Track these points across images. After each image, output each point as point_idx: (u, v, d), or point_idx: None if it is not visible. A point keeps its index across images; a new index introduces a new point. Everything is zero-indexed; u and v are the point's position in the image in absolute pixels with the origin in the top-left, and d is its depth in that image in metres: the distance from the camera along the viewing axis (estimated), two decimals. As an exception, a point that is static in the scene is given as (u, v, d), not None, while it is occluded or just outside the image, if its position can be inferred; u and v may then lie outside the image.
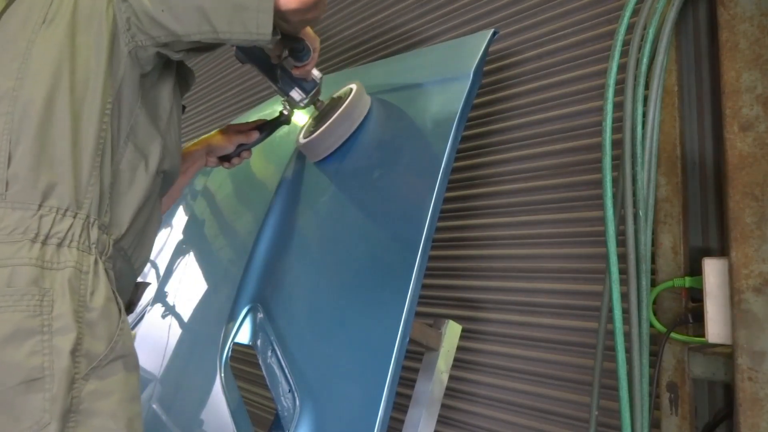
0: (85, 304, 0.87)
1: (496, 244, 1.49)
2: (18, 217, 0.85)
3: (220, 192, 1.91)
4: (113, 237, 0.96)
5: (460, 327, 1.29)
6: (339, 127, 1.35)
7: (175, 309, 1.75)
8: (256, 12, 0.91)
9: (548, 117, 1.39)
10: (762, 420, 0.91)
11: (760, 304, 0.93)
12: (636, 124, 1.03)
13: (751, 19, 0.97)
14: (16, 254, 0.83)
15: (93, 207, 0.92)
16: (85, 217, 0.91)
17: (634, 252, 1.03)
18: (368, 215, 1.28)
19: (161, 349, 1.66)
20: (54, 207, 0.88)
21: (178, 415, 1.48)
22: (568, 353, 1.32)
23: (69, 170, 0.89)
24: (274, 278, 1.40)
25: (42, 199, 0.87)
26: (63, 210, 0.89)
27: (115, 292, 0.93)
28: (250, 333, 1.35)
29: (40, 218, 0.87)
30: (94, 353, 0.85)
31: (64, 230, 0.88)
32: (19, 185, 0.87)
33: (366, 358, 1.07)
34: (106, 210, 0.95)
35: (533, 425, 1.36)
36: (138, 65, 0.98)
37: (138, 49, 0.96)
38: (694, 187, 1.11)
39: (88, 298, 0.87)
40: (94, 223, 0.92)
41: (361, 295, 1.18)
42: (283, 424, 1.16)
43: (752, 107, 0.96)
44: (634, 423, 1.00)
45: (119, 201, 0.97)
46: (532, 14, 1.45)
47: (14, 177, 0.87)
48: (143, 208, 1.02)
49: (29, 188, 0.87)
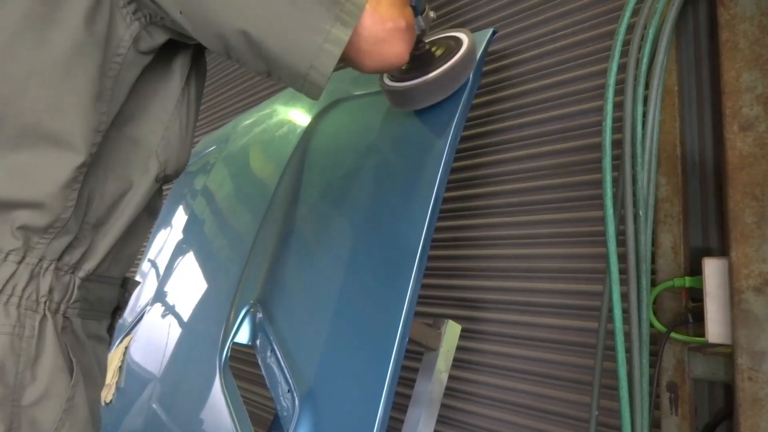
0: (23, 382, 0.66)
1: (496, 244, 1.49)
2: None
3: (220, 192, 1.91)
4: (81, 274, 0.75)
5: (459, 327, 1.29)
6: (445, 80, 1.13)
7: (174, 308, 1.74)
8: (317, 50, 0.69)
9: (548, 117, 1.39)
10: (762, 420, 0.91)
11: (760, 304, 0.93)
12: (636, 124, 1.03)
13: (751, 19, 0.97)
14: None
15: (52, 248, 0.70)
16: (36, 262, 0.69)
17: (634, 252, 1.03)
18: (368, 215, 1.28)
19: (161, 349, 1.66)
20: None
21: (177, 415, 1.48)
22: (568, 353, 1.32)
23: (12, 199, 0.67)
24: (274, 278, 1.40)
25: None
26: (4, 254, 0.67)
27: (70, 353, 0.72)
28: (249, 333, 1.35)
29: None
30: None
31: (1, 282, 0.67)
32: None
33: (365, 357, 1.07)
34: (74, 246, 0.74)
35: (533, 425, 1.36)
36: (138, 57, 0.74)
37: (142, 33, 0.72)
38: (694, 187, 1.11)
39: (28, 372, 0.67)
40: (48, 269, 0.70)
41: (360, 294, 1.18)
42: (283, 423, 1.16)
43: (752, 107, 0.96)
44: (634, 423, 1.00)
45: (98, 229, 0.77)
46: (532, 14, 1.45)
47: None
48: (130, 228, 0.81)
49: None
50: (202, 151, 2.19)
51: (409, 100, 1.18)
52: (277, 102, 1.95)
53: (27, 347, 0.67)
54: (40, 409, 0.68)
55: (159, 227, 2.18)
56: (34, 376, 0.67)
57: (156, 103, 0.81)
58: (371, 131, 1.42)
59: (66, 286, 0.73)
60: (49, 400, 0.68)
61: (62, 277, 0.73)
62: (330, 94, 1.66)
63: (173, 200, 2.18)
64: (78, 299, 0.75)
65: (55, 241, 0.71)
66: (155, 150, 0.81)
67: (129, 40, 0.72)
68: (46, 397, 0.68)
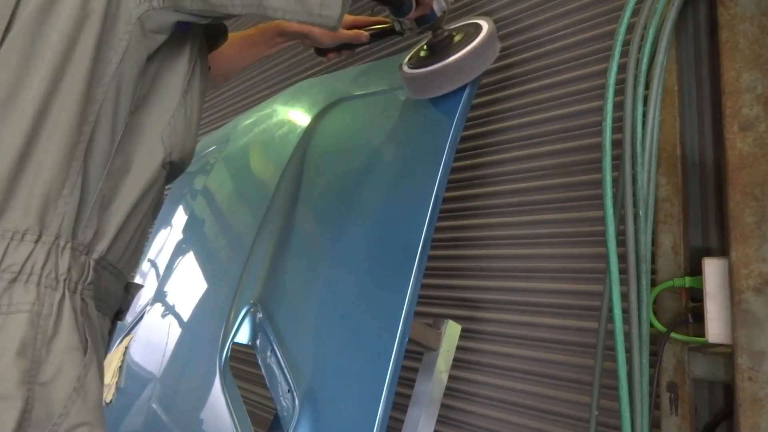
0: (39, 359, 0.67)
1: (496, 244, 1.49)
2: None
3: (220, 192, 1.91)
4: (95, 256, 0.77)
5: (459, 327, 1.29)
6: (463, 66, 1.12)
7: (174, 309, 1.74)
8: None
9: (548, 117, 1.39)
10: (762, 420, 0.91)
11: (760, 304, 0.93)
12: (636, 124, 1.03)
13: (751, 19, 0.97)
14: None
15: (65, 225, 0.72)
16: (53, 240, 0.71)
17: (634, 252, 1.03)
18: (368, 215, 1.28)
19: (161, 349, 1.66)
20: (9, 231, 0.68)
21: (177, 415, 1.48)
22: (568, 353, 1.32)
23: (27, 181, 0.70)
24: (274, 278, 1.40)
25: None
26: (20, 233, 0.69)
27: (86, 333, 0.73)
28: (249, 333, 1.35)
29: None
30: (45, 423, 0.67)
31: (20, 261, 0.68)
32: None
33: (365, 357, 1.07)
34: (86, 225, 0.75)
35: (533, 425, 1.36)
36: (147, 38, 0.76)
37: (150, 13, 0.74)
38: (694, 187, 1.11)
39: (44, 349, 0.68)
40: (65, 247, 0.72)
41: (360, 294, 1.18)
42: (283, 423, 1.16)
43: (752, 107, 0.96)
44: (634, 423, 1.00)
45: (105, 209, 0.78)
46: (532, 14, 1.45)
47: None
48: (134, 213, 0.82)
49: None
50: (202, 151, 2.19)
51: (429, 87, 1.16)
52: (277, 102, 1.96)
53: (44, 325, 0.68)
54: (53, 387, 0.68)
55: (159, 227, 2.18)
56: (49, 353, 0.68)
57: (165, 89, 0.83)
58: (371, 131, 1.42)
59: (82, 267, 0.74)
60: (62, 378, 0.69)
61: (78, 257, 0.74)
62: (330, 94, 1.66)
63: (173, 200, 2.18)
64: (92, 281, 0.76)
65: (67, 217, 0.72)
66: (161, 135, 0.82)
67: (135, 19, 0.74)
68: (58, 374, 0.68)
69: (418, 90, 1.20)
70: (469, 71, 1.14)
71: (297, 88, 1.93)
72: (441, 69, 1.12)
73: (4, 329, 0.66)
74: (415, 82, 1.18)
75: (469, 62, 1.12)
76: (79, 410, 0.70)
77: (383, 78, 1.52)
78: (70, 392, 0.69)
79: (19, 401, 0.65)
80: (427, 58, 1.17)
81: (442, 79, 1.14)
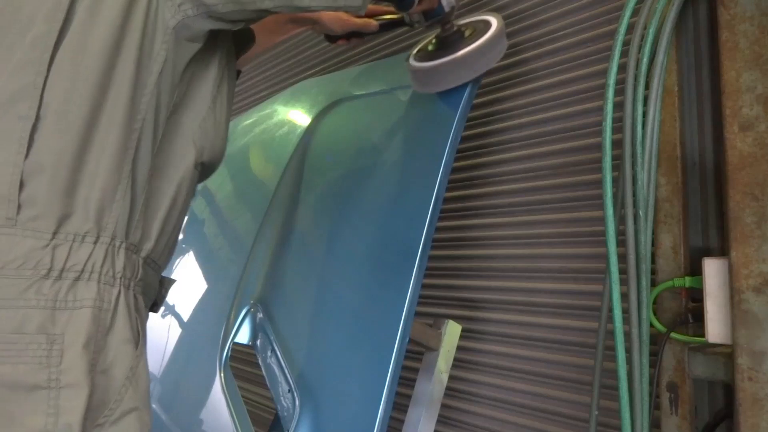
0: (101, 350, 0.74)
1: (496, 244, 1.49)
2: (28, 248, 0.71)
3: (220, 192, 1.91)
4: (143, 254, 0.83)
5: (460, 327, 1.29)
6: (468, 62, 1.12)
7: (174, 308, 1.75)
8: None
9: (548, 117, 1.39)
10: (762, 420, 0.91)
11: (760, 304, 0.93)
12: (636, 124, 1.03)
13: (751, 19, 0.97)
14: (24, 294, 0.70)
15: (120, 227, 0.78)
16: (109, 241, 0.77)
17: (634, 252, 1.03)
18: (368, 215, 1.28)
19: (161, 349, 1.66)
20: (71, 233, 0.74)
21: (177, 415, 1.48)
22: (568, 353, 1.32)
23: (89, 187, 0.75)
24: (274, 278, 1.40)
25: (57, 225, 0.73)
26: (81, 236, 0.74)
27: (139, 327, 0.80)
28: (249, 333, 1.35)
29: (54, 248, 0.72)
30: (102, 408, 0.74)
31: (82, 261, 0.74)
32: (36, 209, 0.72)
33: (366, 357, 1.07)
34: (136, 226, 0.81)
35: (533, 425, 1.36)
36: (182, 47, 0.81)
37: (185, 21, 0.78)
38: (694, 187, 1.11)
39: (103, 341, 0.74)
40: (120, 247, 0.78)
41: (361, 294, 1.18)
42: (283, 423, 1.16)
43: (752, 107, 0.96)
44: (634, 423, 1.00)
45: (148, 210, 0.84)
46: (532, 14, 1.45)
47: (30, 199, 0.71)
48: (171, 212, 0.87)
49: (47, 213, 0.72)
50: (202, 151, 2.18)
51: (436, 80, 1.17)
52: (277, 102, 1.96)
53: (104, 318, 0.75)
54: (110, 375, 0.75)
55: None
56: (107, 345, 0.75)
57: (196, 94, 0.89)
58: (371, 131, 1.42)
59: (134, 265, 0.81)
60: (117, 368, 0.75)
61: (131, 256, 0.80)
62: (330, 94, 1.66)
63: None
64: (141, 278, 0.83)
65: (120, 220, 0.78)
66: (192, 138, 0.88)
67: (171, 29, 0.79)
68: (114, 364, 0.75)
69: (424, 83, 1.21)
70: (477, 66, 1.14)
71: (297, 88, 1.93)
72: (449, 63, 1.13)
73: (71, 323, 0.72)
74: (422, 75, 1.19)
75: (478, 57, 1.13)
76: (132, 397, 0.76)
77: (383, 78, 1.53)
78: (124, 380, 0.76)
79: (86, 389, 0.71)
80: (435, 52, 1.17)
81: (449, 74, 1.14)
